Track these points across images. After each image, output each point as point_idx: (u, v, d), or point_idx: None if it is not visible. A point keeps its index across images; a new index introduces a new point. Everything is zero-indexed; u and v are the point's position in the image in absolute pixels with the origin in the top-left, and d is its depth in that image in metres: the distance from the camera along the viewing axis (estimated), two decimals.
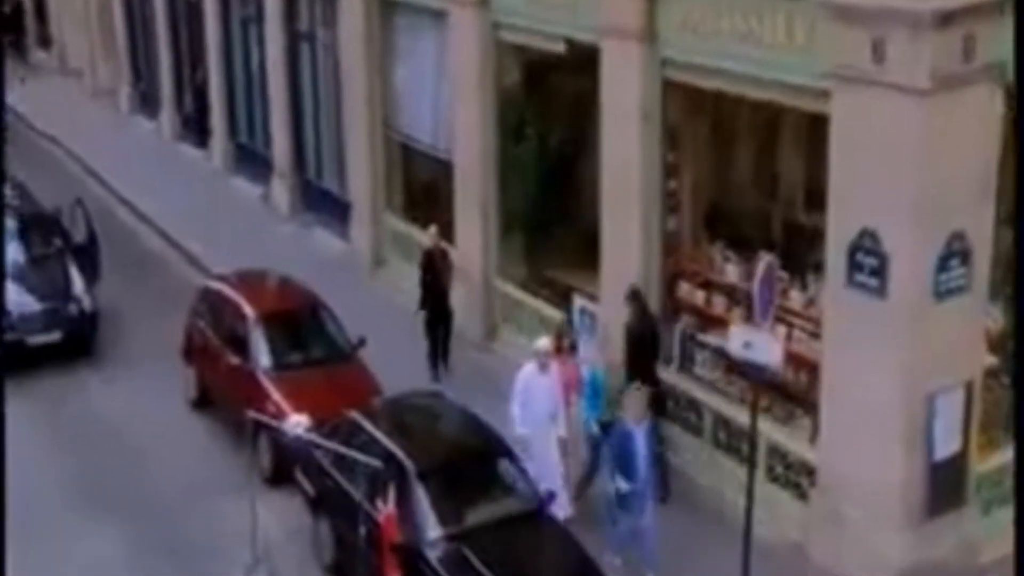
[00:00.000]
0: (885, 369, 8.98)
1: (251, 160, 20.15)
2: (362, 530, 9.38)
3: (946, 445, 9.14)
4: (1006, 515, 9.73)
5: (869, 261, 8.90)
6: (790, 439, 10.23)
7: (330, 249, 17.13)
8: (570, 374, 10.90)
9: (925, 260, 8.72)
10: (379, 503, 9.40)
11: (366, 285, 15.74)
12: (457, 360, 13.38)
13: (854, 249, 9.01)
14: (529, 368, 10.56)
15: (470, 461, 10.10)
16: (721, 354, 11.18)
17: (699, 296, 11.37)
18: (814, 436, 10.14)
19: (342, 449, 9.93)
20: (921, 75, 8.31)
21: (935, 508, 9.23)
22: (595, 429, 10.56)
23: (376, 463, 9.53)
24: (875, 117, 8.69)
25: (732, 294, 11.02)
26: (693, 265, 11.50)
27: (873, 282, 8.90)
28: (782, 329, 9.98)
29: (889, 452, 9.11)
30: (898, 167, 8.61)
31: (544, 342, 10.71)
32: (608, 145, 11.60)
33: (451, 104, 14.15)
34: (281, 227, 18.28)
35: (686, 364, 11.55)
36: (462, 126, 13.99)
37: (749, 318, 9.10)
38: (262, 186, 19.47)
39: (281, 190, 18.92)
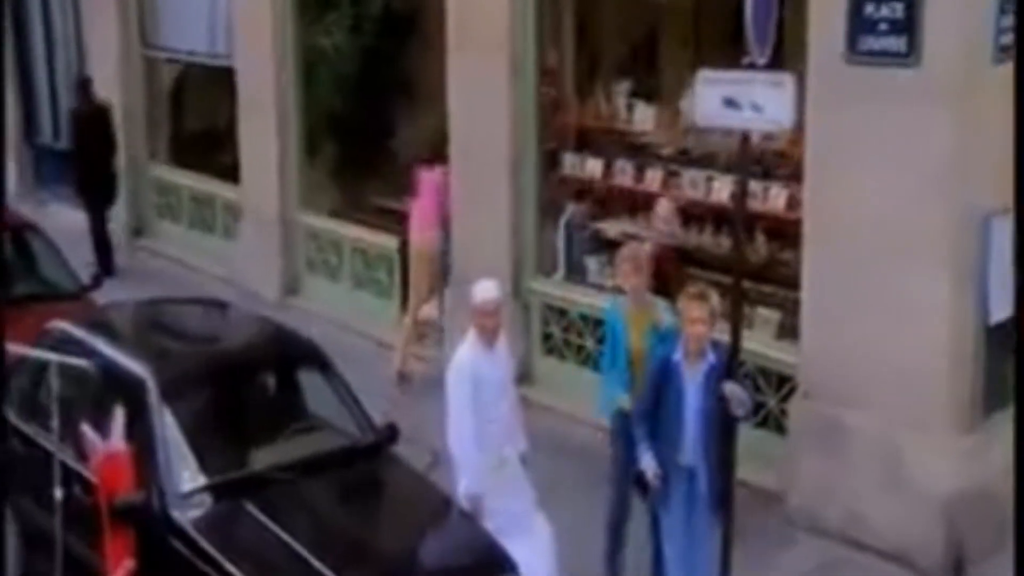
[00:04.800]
0: (917, 181, 5.79)
1: None
2: (57, 495, 5.45)
3: (1002, 302, 5.97)
4: None
5: (887, 12, 5.78)
6: (747, 342, 6.75)
7: (75, 227, 13.08)
8: None
9: None
10: (96, 449, 5.46)
11: (124, 261, 11.96)
12: None
13: None
14: (468, 351, 5.72)
15: (253, 375, 6.20)
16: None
17: (594, 167, 7.96)
18: (782, 331, 6.85)
19: (36, 352, 5.90)
20: None
21: (991, 401, 5.97)
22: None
23: (87, 365, 5.57)
24: None
25: (644, 152, 7.68)
26: (587, 123, 8.09)
27: (896, 43, 5.77)
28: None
29: (926, 314, 5.84)
30: None
31: (486, 290, 5.72)
32: None
33: None
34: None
35: (575, 270, 8.09)
36: (248, 16, 10.46)
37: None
38: None
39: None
